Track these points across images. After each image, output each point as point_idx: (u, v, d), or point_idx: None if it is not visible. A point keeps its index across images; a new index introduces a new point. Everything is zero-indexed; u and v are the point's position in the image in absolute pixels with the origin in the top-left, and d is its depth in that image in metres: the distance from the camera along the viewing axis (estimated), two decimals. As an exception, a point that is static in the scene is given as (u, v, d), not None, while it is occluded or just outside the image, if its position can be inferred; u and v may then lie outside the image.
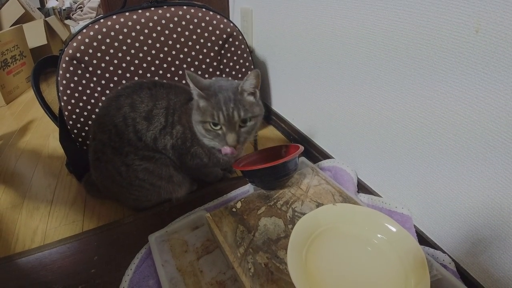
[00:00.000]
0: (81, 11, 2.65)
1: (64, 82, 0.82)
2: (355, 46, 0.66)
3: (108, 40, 0.80)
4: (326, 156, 0.85)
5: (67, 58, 0.80)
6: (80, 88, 0.83)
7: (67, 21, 2.32)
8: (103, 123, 0.64)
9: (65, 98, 0.84)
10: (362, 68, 0.66)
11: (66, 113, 0.85)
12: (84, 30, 0.80)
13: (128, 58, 0.82)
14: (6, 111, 1.49)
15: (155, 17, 0.81)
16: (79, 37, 0.79)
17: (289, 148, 0.75)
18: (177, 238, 0.64)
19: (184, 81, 0.89)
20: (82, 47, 0.79)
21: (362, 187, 0.76)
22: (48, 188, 0.93)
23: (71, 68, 0.81)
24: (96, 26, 0.79)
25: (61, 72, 0.81)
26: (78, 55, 0.80)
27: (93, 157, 0.68)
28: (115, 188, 0.70)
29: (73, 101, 0.84)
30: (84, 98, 0.84)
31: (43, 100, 0.94)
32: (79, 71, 0.81)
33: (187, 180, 0.73)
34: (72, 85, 0.82)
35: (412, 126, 0.58)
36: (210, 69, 0.90)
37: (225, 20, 0.88)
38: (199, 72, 0.89)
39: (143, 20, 0.80)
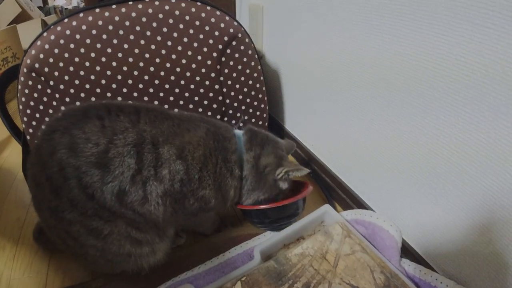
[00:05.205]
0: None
1: (23, 99, 0.65)
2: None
3: (72, 46, 0.61)
4: (358, 203, 0.64)
5: (25, 70, 0.63)
6: (41, 107, 0.65)
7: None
8: (33, 175, 0.46)
9: (25, 119, 0.67)
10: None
11: (28, 137, 0.68)
12: (45, 34, 0.62)
13: (97, 68, 0.63)
14: (-9, 120, 1.36)
15: (133, 14, 0.62)
16: (38, 42, 0.62)
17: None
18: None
19: (172, 98, 0.69)
20: (41, 56, 0.61)
21: (406, 251, 0.55)
22: (16, 223, 0.78)
23: (30, 82, 0.64)
24: (59, 28, 0.61)
25: (19, 87, 0.65)
26: (36, 65, 0.62)
27: (37, 211, 0.50)
28: (67, 251, 0.52)
29: (34, 122, 0.67)
30: (47, 119, 0.66)
31: (8, 119, 0.78)
32: (39, 86, 0.64)
33: (164, 241, 0.54)
34: (32, 103, 0.65)
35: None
36: (207, 82, 0.70)
37: (227, 18, 0.68)
38: (192, 86, 0.70)
39: (117, 18, 0.61)
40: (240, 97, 0.76)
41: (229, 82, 0.73)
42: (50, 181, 0.43)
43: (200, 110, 0.72)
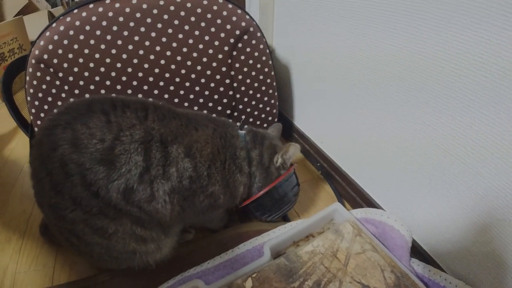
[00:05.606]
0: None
1: (31, 91, 0.65)
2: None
3: (82, 37, 0.61)
4: (369, 201, 0.64)
5: (33, 61, 0.62)
6: (49, 98, 0.65)
7: (75, 12, 2.18)
8: (34, 169, 0.45)
9: (33, 111, 0.67)
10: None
11: (36, 129, 0.68)
12: (54, 25, 0.61)
13: (107, 60, 0.62)
14: (-1, 110, 1.36)
15: (144, 6, 0.61)
16: (48, 33, 0.61)
17: None
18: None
19: (182, 91, 0.69)
20: (50, 47, 0.61)
21: (415, 251, 0.55)
22: (22, 215, 0.77)
23: (38, 74, 0.63)
24: (68, 19, 0.61)
25: (28, 78, 0.64)
26: (45, 56, 0.61)
27: (39, 207, 0.49)
28: (71, 248, 0.52)
29: (42, 114, 0.67)
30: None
31: (15, 111, 0.78)
32: (48, 77, 0.63)
33: (170, 237, 0.54)
34: (40, 95, 0.65)
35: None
36: (217, 76, 0.69)
37: (239, 11, 0.67)
38: (203, 80, 0.69)
39: (127, 10, 0.61)
40: (251, 92, 0.75)
41: (240, 77, 0.72)
42: (50, 177, 0.42)
43: (211, 104, 0.72)
